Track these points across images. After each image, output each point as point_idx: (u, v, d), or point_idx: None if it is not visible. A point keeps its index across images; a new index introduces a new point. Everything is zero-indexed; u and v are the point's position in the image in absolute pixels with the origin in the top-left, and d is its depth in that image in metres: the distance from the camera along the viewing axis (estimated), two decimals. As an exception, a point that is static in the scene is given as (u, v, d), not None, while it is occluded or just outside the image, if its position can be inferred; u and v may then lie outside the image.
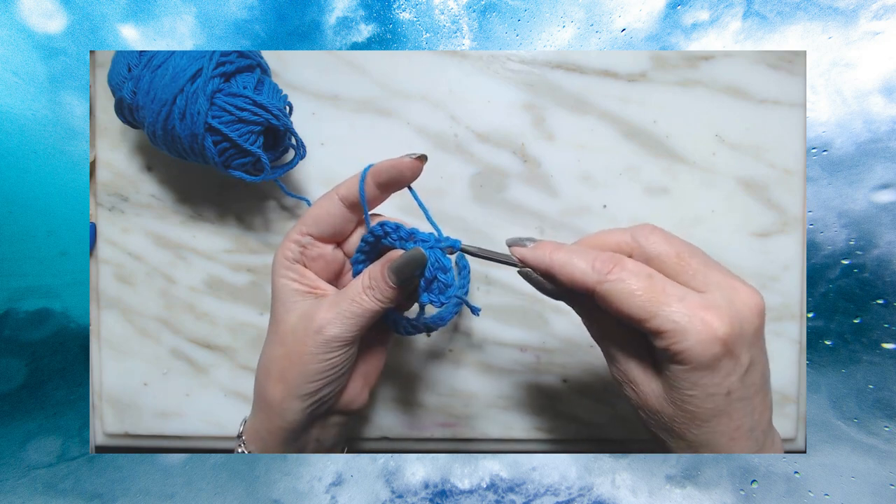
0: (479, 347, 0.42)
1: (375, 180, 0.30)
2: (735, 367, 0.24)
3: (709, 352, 0.24)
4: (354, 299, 0.30)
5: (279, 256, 0.31)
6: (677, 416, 0.26)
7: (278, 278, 0.31)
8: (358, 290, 0.30)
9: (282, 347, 0.30)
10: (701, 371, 0.24)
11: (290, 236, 0.31)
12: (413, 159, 0.30)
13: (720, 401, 0.25)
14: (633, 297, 0.24)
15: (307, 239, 0.31)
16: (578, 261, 0.26)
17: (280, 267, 0.31)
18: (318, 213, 0.31)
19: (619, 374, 0.28)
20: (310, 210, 0.31)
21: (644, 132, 0.41)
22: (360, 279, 0.30)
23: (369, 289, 0.30)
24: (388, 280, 0.29)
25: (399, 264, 0.29)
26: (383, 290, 0.29)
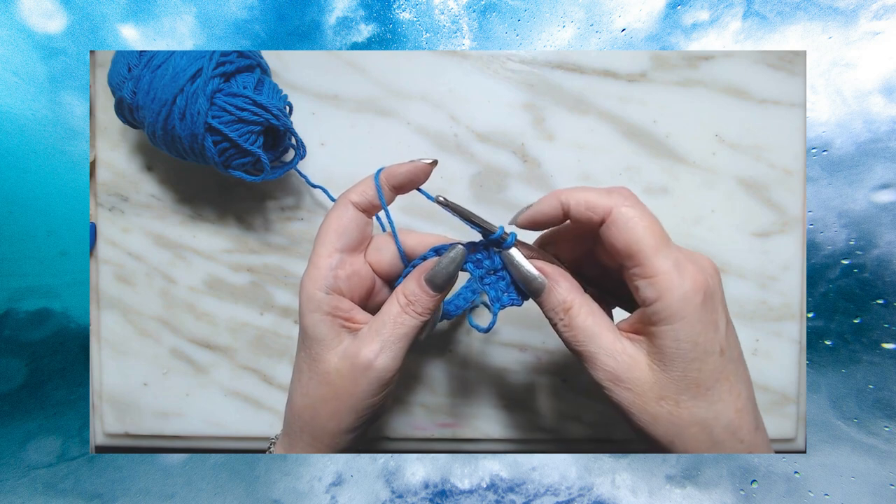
0: (479, 347, 0.42)
1: (391, 183, 0.30)
2: (718, 321, 0.25)
3: (695, 300, 0.24)
4: (396, 321, 0.28)
5: (310, 289, 0.29)
6: (681, 391, 0.25)
7: (311, 314, 0.29)
8: (396, 311, 0.29)
9: (328, 388, 0.29)
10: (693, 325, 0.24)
11: (317, 262, 0.29)
12: (426, 164, 0.30)
13: (717, 361, 0.25)
14: (645, 228, 0.25)
15: (337, 257, 0.29)
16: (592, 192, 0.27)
17: (312, 301, 0.29)
18: (339, 225, 0.30)
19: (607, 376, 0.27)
20: (328, 225, 0.30)
21: (644, 132, 0.41)
22: (394, 300, 0.29)
23: (409, 306, 0.29)
24: (428, 290, 0.28)
25: (440, 269, 0.28)
26: (424, 302, 0.29)
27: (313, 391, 0.30)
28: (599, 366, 0.27)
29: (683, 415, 0.25)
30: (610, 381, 0.27)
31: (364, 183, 0.30)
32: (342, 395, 0.29)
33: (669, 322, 0.25)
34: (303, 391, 0.30)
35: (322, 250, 0.29)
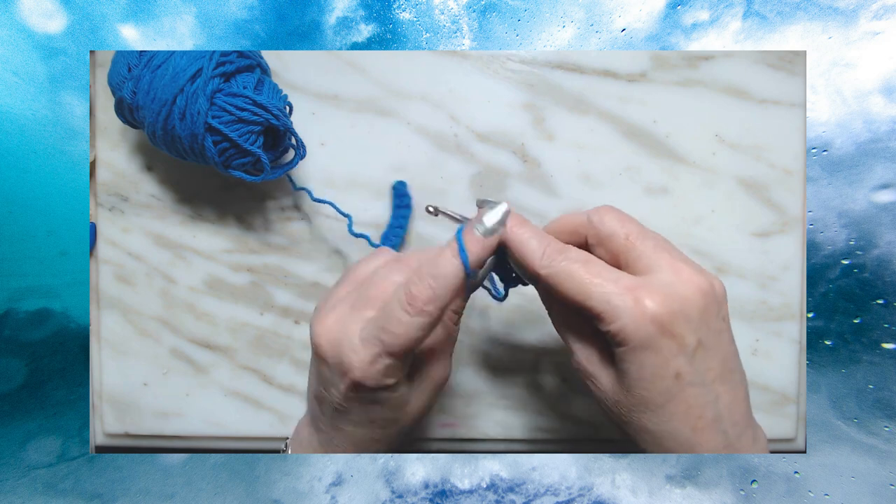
0: (480, 347, 0.42)
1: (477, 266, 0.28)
2: (678, 348, 0.24)
3: (642, 330, 0.24)
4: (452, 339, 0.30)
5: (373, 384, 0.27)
6: (633, 404, 0.26)
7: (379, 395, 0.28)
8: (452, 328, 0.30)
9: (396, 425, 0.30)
10: (640, 351, 0.24)
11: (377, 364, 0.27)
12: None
13: (670, 384, 0.25)
14: (571, 280, 0.25)
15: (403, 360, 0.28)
16: (534, 243, 0.27)
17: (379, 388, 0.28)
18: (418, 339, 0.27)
19: (579, 367, 0.28)
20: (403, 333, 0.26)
21: (644, 132, 0.41)
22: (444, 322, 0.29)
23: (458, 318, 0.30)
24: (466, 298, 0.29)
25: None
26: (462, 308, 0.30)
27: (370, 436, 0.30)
28: (574, 356, 0.28)
29: (634, 422, 0.26)
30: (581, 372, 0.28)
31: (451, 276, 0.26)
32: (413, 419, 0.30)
33: (617, 345, 0.25)
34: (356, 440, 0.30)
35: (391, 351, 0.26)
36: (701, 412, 0.25)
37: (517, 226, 0.27)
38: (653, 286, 0.25)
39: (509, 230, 0.27)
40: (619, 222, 0.27)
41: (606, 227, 0.27)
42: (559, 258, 0.26)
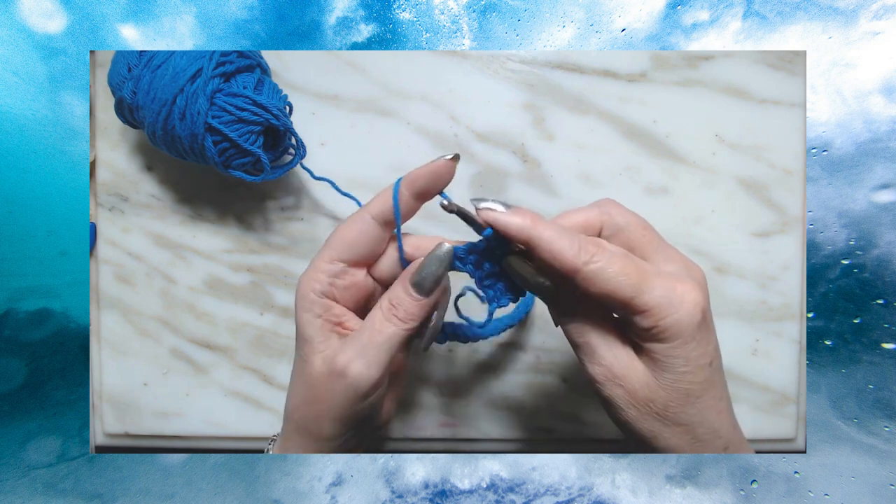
0: (480, 347, 0.42)
1: (412, 190, 0.28)
2: (711, 335, 0.25)
3: (694, 321, 0.24)
4: (375, 328, 0.27)
5: (305, 289, 0.28)
6: (671, 399, 0.25)
7: (303, 313, 0.29)
8: (378, 317, 0.28)
9: (311, 391, 0.28)
10: (689, 343, 0.24)
11: (317, 265, 0.28)
12: (448, 160, 0.28)
13: (707, 372, 0.25)
14: (619, 277, 0.24)
15: (339, 266, 0.28)
16: (565, 240, 0.25)
17: (305, 301, 0.28)
18: (350, 236, 0.28)
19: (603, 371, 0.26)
20: (339, 233, 0.28)
21: (644, 132, 0.41)
22: (376, 308, 0.28)
23: (390, 310, 0.27)
24: (413, 294, 0.27)
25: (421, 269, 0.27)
26: (408, 307, 0.27)
27: (300, 392, 0.29)
28: (597, 360, 0.26)
29: (670, 416, 0.26)
30: (604, 377, 0.26)
31: (384, 193, 0.28)
32: (322, 399, 0.28)
33: (664, 342, 0.25)
34: (293, 391, 0.30)
35: (325, 254, 0.28)
36: (722, 393, 0.26)
37: (540, 225, 0.25)
38: (686, 278, 0.25)
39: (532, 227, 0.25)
40: (630, 214, 0.27)
41: (625, 216, 0.27)
42: (599, 253, 0.24)
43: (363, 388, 0.27)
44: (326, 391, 0.28)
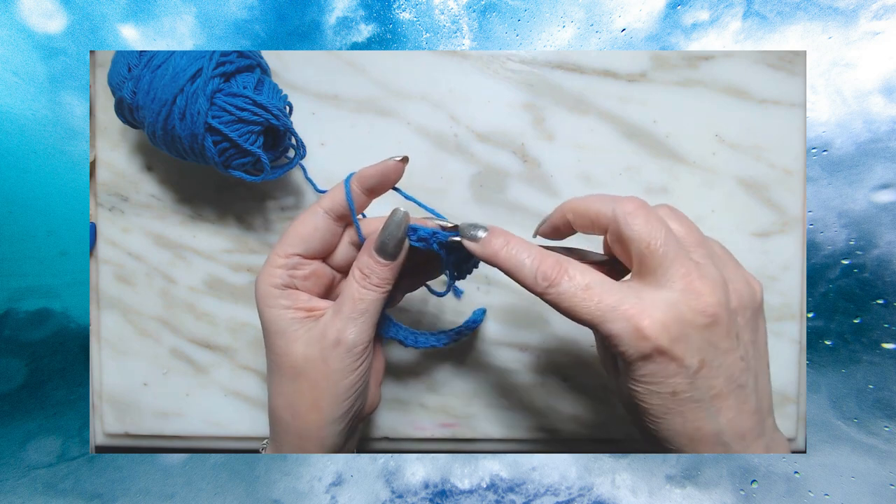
0: (480, 347, 0.42)
1: (362, 186, 0.30)
2: (677, 368, 0.25)
3: (638, 354, 0.25)
4: (355, 297, 0.29)
5: (264, 285, 0.30)
6: (637, 409, 0.27)
7: (269, 309, 0.30)
8: (354, 287, 0.29)
9: (302, 379, 0.29)
10: (639, 370, 0.25)
11: (272, 261, 0.30)
12: (397, 161, 0.30)
13: (667, 400, 0.25)
14: (576, 308, 0.26)
15: (294, 259, 0.30)
16: (525, 265, 0.27)
17: (267, 297, 0.30)
18: (303, 231, 0.30)
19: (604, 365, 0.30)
20: (293, 228, 0.30)
21: (644, 132, 0.41)
22: (349, 279, 0.30)
23: (365, 279, 0.29)
24: (380, 259, 0.29)
25: (387, 235, 0.29)
26: (379, 272, 0.29)
27: (287, 387, 0.30)
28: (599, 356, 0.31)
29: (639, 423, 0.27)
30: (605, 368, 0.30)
31: (336, 189, 0.30)
32: (317, 381, 0.29)
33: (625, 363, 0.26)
34: (277, 391, 0.30)
35: (279, 250, 0.30)
36: (700, 425, 0.25)
37: (503, 247, 0.27)
38: (656, 308, 0.25)
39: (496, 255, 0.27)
40: (644, 225, 0.26)
41: (632, 231, 0.26)
42: (557, 280, 0.26)
43: (358, 351, 0.29)
44: (321, 368, 0.29)
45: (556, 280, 0.26)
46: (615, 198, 0.27)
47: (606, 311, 0.25)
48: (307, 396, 0.29)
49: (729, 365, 0.26)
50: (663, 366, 0.25)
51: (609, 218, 0.27)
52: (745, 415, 0.26)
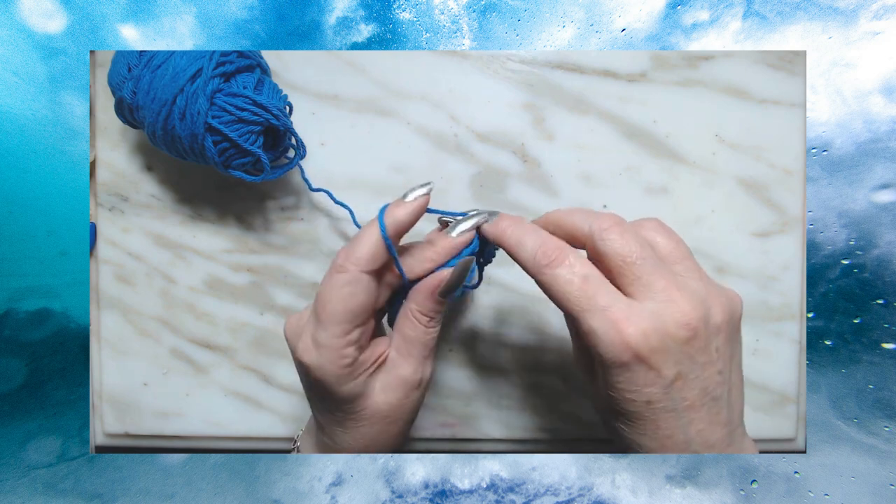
0: (480, 347, 0.42)
1: (399, 233, 0.28)
2: (654, 378, 0.25)
3: (617, 359, 0.25)
4: (424, 341, 0.30)
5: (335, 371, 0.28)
6: (608, 410, 0.27)
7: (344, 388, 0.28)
8: (422, 330, 0.29)
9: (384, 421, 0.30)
10: (616, 375, 0.25)
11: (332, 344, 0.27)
12: (426, 195, 0.28)
13: (641, 407, 0.25)
14: (566, 295, 0.26)
15: (356, 334, 0.28)
16: (527, 242, 0.27)
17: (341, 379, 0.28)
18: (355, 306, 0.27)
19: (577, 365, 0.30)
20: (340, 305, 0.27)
21: (644, 132, 0.41)
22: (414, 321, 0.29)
23: (430, 321, 0.30)
24: (440, 301, 0.29)
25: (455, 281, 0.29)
26: (440, 311, 0.30)
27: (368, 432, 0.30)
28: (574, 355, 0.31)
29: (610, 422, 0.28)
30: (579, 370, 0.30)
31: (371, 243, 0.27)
32: (400, 418, 0.30)
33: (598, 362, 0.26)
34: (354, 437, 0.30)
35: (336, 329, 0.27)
36: (670, 433, 0.26)
37: (511, 225, 0.28)
38: (640, 317, 0.25)
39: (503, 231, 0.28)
40: (619, 240, 0.26)
41: (606, 246, 0.26)
42: (555, 264, 0.26)
43: (427, 385, 0.31)
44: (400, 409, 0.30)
45: (555, 262, 0.26)
46: (593, 214, 0.27)
47: (595, 309, 0.25)
48: (390, 431, 0.31)
49: (705, 378, 0.26)
50: (640, 374, 0.25)
51: (585, 234, 0.27)
52: (717, 426, 0.26)
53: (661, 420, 0.25)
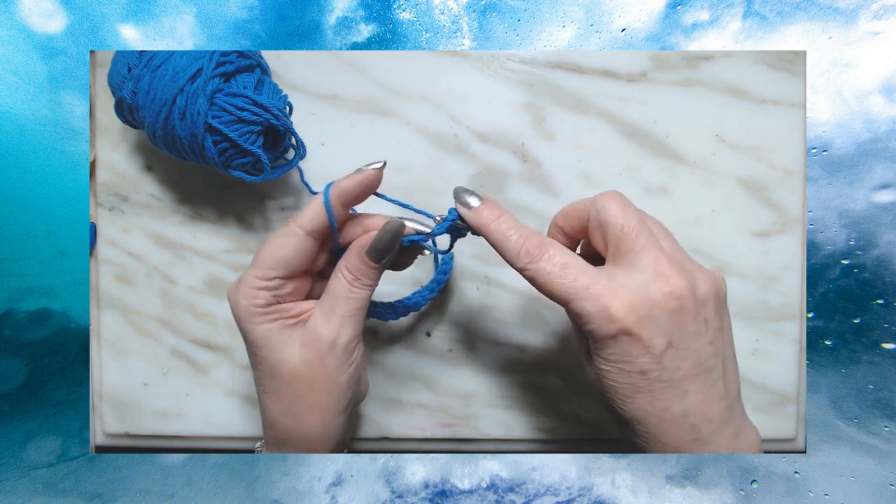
0: (480, 347, 0.42)
1: (342, 200, 0.29)
2: (644, 349, 0.26)
3: (606, 332, 0.26)
4: (347, 297, 0.30)
5: (245, 304, 0.29)
6: (606, 390, 0.28)
7: (255, 326, 0.29)
8: (345, 286, 0.30)
9: (300, 383, 0.30)
10: (607, 349, 0.26)
11: (250, 282, 0.29)
12: (375, 169, 0.30)
13: (636, 379, 0.26)
14: (551, 285, 0.27)
15: (276, 282, 0.29)
16: (511, 240, 0.28)
17: (251, 315, 0.29)
18: (284, 255, 0.29)
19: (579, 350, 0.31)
20: (271, 251, 0.29)
21: (644, 132, 0.41)
22: (340, 276, 0.30)
23: (356, 280, 0.30)
24: (370, 263, 0.30)
25: (381, 242, 0.29)
26: (369, 274, 0.30)
27: (284, 394, 0.30)
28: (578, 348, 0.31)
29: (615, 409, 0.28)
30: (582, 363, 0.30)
31: (314, 207, 0.29)
32: (316, 382, 0.29)
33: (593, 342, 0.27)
34: (273, 400, 0.30)
35: (259, 272, 0.29)
36: (667, 405, 0.26)
37: (494, 220, 0.29)
38: (625, 289, 0.26)
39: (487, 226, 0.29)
40: (620, 211, 0.28)
41: (608, 214, 0.28)
42: (537, 258, 0.27)
43: (352, 347, 0.30)
44: (318, 370, 0.29)
45: (537, 257, 0.27)
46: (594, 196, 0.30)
47: (579, 290, 0.26)
48: (307, 398, 0.30)
49: (697, 348, 0.27)
50: (630, 346, 0.26)
51: (588, 208, 0.29)
52: (714, 399, 0.27)
53: (656, 391, 0.26)
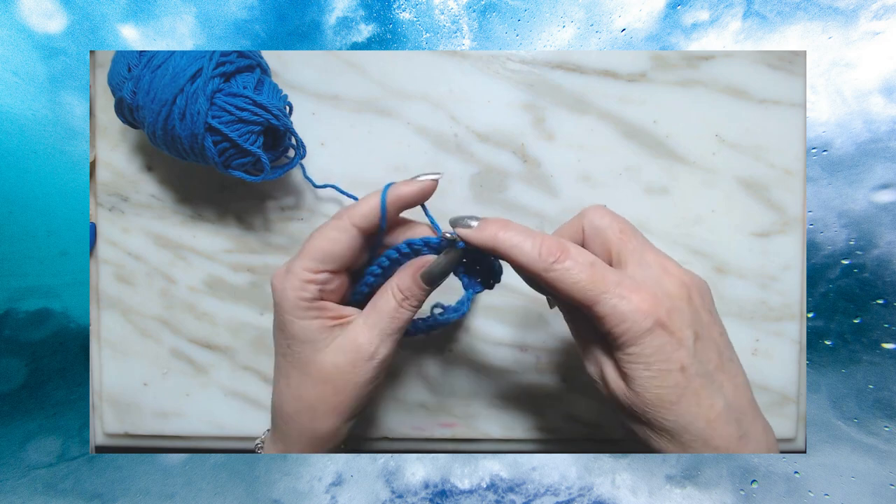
0: (480, 347, 0.42)
1: (398, 206, 0.29)
2: (678, 342, 0.25)
3: (641, 326, 0.25)
4: (393, 315, 0.29)
5: (293, 297, 0.29)
6: (647, 403, 0.26)
7: (298, 320, 0.29)
8: (393, 305, 0.29)
9: (327, 385, 0.29)
10: (645, 348, 0.25)
11: (300, 275, 0.29)
12: (433, 180, 0.30)
13: (678, 377, 0.25)
14: (578, 285, 0.26)
15: (324, 276, 0.29)
16: (526, 244, 0.27)
17: (296, 309, 0.29)
18: (335, 249, 0.29)
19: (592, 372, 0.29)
20: (322, 244, 0.29)
21: (644, 132, 0.41)
22: (389, 294, 0.30)
23: (406, 300, 0.29)
24: (423, 286, 0.29)
25: (438, 268, 0.29)
26: (419, 296, 0.30)
27: (309, 393, 0.30)
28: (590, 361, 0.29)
29: (651, 422, 0.26)
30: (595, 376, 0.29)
31: (369, 205, 0.29)
32: (343, 388, 0.30)
33: (622, 349, 0.26)
34: (295, 395, 0.30)
35: (309, 265, 0.29)
36: (712, 402, 0.26)
37: (502, 229, 0.28)
38: (647, 286, 0.26)
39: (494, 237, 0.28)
40: (611, 219, 0.29)
41: (603, 221, 0.29)
42: (562, 258, 0.26)
43: (387, 364, 0.30)
44: (349, 377, 0.29)
45: (561, 257, 0.26)
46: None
47: (611, 287, 0.25)
48: (330, 401, 0.30)
49: (716, 338, 0.27)
50: (666, 340, 0.25)
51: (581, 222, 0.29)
52: (740, 389, 0.27)
53: (700, 388, 0.25)
